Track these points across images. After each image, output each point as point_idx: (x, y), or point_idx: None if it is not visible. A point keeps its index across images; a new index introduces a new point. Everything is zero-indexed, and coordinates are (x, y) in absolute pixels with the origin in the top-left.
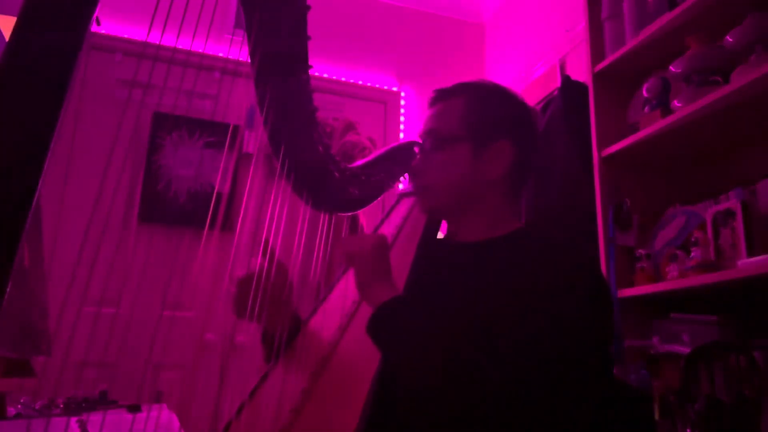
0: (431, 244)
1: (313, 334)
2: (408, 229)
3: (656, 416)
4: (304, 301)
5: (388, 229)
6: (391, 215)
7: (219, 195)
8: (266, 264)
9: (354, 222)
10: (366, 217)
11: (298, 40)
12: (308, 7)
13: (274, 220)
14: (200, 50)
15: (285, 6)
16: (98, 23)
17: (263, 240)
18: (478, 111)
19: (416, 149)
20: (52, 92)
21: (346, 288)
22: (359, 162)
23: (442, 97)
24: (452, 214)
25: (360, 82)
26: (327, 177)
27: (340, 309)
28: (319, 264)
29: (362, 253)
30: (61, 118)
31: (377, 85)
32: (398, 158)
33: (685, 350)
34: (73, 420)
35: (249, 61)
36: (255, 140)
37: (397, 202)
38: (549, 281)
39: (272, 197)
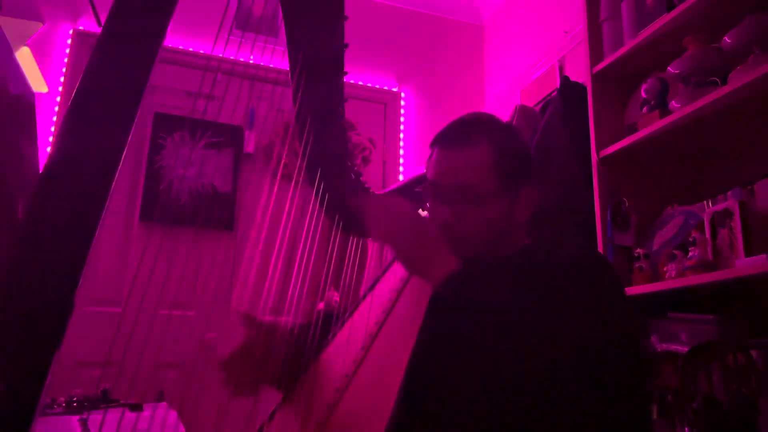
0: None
1: (337, 352)
2: None
3: (654, 415)
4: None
5: None
6: None
7: (218, 195)
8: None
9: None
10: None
11: (337, 51)
12: (346, 45)
13: (308, 241)
14: (201, 51)
15: (328, 18)
16: (100, 24)
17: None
18: (506, 159)
19: (421, 189)
20: (128, 105)
21: (371, 304)
22: (386, 189)
23: (458, 142)
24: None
25: (360, 83)
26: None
27: (364, 327)
28: (345, 286)
29: (408, 213)
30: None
31: (377, 86)
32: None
33: (683, 349)
34: (75, 419)
35: (249, 62)
36: (254, 141)
37: None
38: (569, 291)
39: (307, 220)
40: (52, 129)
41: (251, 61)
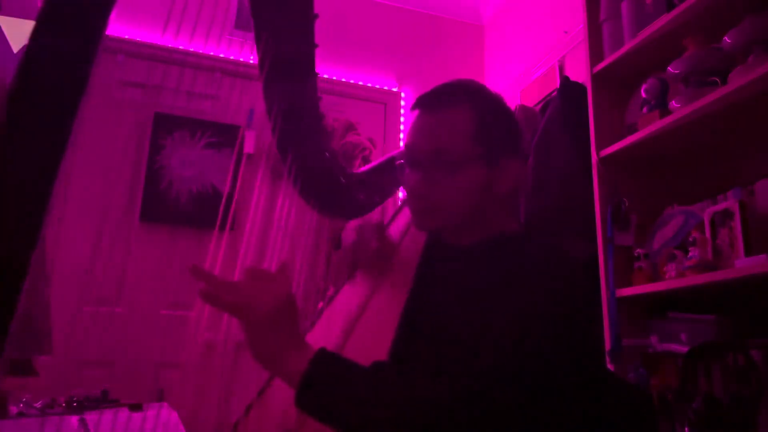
0: (434, 244)
1: (318, 338)
2: (412, 233)
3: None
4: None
5: (393, 233)
6: (397, 218)
7: (219, 195)
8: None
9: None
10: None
11: (306, 48)
12: (316, 16)
13: (281, 225)
14: (201, 51)
15: (294, 14)
16: None
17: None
18: (487, 124)
19: (400, 161)
20: (67, 98)
21: (352, 292)
22: (364, 168)
23: (437, 104)
24: (454, 230)
25: (360, 83)
26: (333, 182)
27: (345, 313)
28: (322, 268)
29: (258, 316)
30: (77, 122)
31: (377, 86)
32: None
33: (683, 349)
34: (75, 419)
35: (249, 62)
36: (255, 141)
37: (402, 207)
38: (535, 287)
39: (279, 202)
40: None
41: (251, 61)
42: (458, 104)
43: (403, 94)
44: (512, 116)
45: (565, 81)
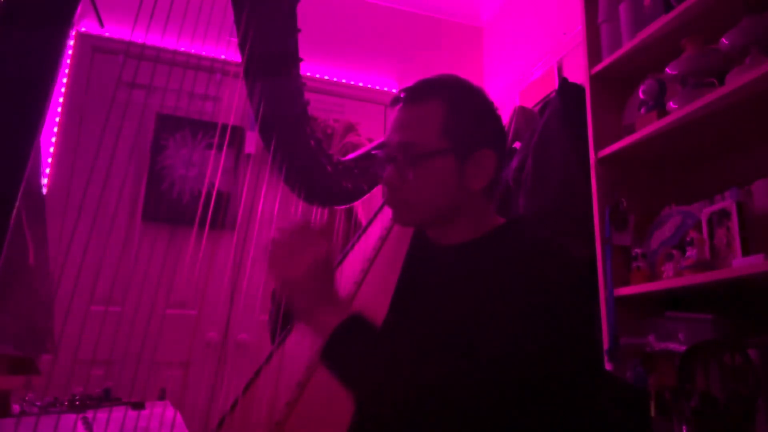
0: (420, 245)
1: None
2: (398, 230)
3: (652, 413)
4: None
5: (377, 229)
6: (381, 214)
7: (220, 195)
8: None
9: (349, 215)
10: (364, 208)
11: (287, 34)
12: (297, 0)
13: (268, 214)
14: (203, 53)
15: (274, 1)
16: (102, 25)
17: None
18: (458, 118)
19: (379, 153)
20: (35, 90)
21: (341, 278)
22: (352, 155)
23: (412, 99)
24: (433, 225)
25: (360, 84)
26: (319, 170)
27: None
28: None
29: (296, 277)
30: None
31: (377, 87)
32: None
33: (681, 348)
34: (78, 417)
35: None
36: (256, 141)
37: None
38: (532, 281)
39: (263, 190)
40: (55, 130)
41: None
42: (430, 99)
43: (402, 95)
44: (490, 110)
45: (564, 82)
